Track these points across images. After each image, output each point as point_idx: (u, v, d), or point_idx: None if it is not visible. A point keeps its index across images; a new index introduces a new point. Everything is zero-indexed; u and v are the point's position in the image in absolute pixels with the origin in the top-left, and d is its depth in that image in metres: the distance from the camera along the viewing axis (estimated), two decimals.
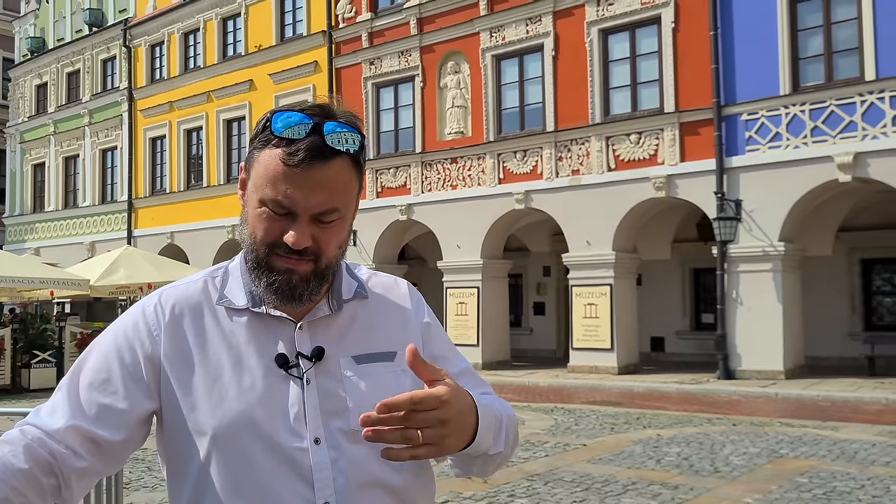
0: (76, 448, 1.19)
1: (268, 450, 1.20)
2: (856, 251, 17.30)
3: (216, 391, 1.22)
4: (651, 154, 15.78)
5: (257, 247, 1.22)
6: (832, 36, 14.12)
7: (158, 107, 25.25)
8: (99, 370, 1.25)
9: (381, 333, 1.31)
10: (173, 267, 18.76)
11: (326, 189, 1.19)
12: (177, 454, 1.26)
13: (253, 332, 1.26)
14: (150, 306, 1.29)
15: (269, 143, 1.20)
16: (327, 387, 1.24)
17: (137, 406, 1.24)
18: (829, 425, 9.84)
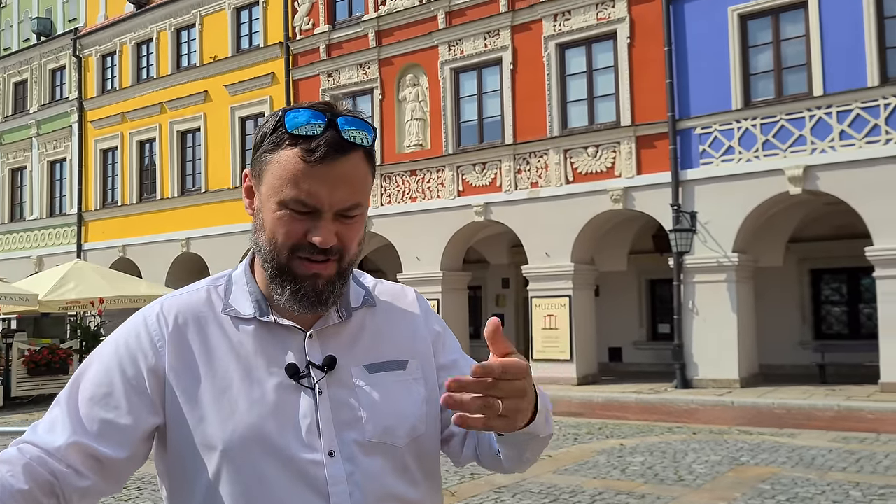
0: (78, 466, 1.13)
1: (281, 463, 1.15)
2: (805, 262, 17.76)
3: (225, 404, 1.17)
4: (608, 167, 16.01)
5: (279, 252, 1.17)
6: (781, 52, 14.54)
7: (110, 118, 24.75)
8: (99, 384, 1.18)
9: (391, 342, 1.28)
10: (125, 281, 18.37)
11: (349, 183, 1.15)
12: (182, 471, 1.20)
13: (261, 342, 1.21)
14: (152, 316, 1.23)
15: (283, 144, 1.15)
16: (340, 397, 1.20)
17: (141, 421, 1.18)
18: (785, 432, 10.05)
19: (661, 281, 18.73)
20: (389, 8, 19.03)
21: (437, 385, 1.30)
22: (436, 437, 1.30)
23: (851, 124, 13.69)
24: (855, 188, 13.58)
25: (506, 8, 17.27)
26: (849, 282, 17.67)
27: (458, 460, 1.35)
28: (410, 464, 1.23)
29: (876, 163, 13.38)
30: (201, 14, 22.70)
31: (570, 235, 16.25)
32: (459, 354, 1.37)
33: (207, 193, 22.17)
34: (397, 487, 1.20)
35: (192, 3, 22.83)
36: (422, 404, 1.26)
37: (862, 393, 13.26)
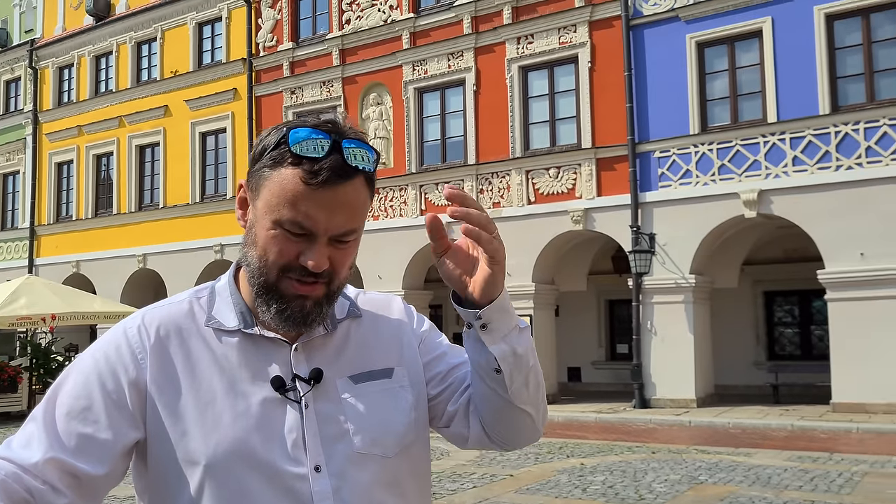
0: (55, 483, 1.09)
1: (265, 479, 1.13)
2: (759, 284, 18.15)
3: (209, 418, 1.15)
4: (569, 188, 16.22)
5: (268, 270, 1.15)
6: (737, 80, 14.94)
7: (66, 130, 24.31)
8: (78, 397, 1.14)
9: (376, 351, 1.27)
10: (79, 297, 17.99)
11: (348, 209, 1.14)
12: (163, 488, 1.16)
13: (245, 355, 1.19)
14: (133, 328, 1.20)
15: (285, 161, 1.12)
16: (326, 410, 1.18)
17: (121, 436, 1.14)
18: (741, 451, 10.22)
19: (619, 301, 18.97)
20: (354, 27, 19.11)
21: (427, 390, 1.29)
22: (425, 444, 1.29)
23: (804, 150, 14.10)
24: (807, 212, 13.96)
25: (470, 30, 17.47)
26: (801, 304, 18.10)
27: (465, 441, 1.32)
28: (400, 475, 1.22)
29: (827, 188, 13.78)
30: (163, 28, 22.50)
31: (532, 255, 16.39)
32: (446, 347, 1.35)
33: (166, 209, 21.87)
34: (386, 500, 1.19)
35: (153, 16, 22.63)
36: (410, 411, 1.25)
37: (814, 413, 13.55)
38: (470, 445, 1.32)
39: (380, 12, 18.76)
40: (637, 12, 15.72)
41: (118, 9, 23.70)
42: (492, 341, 1.18)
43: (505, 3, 17.06)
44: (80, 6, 24.52)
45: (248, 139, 20.37)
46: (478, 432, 1.29)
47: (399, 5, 18.49)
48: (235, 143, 20.74)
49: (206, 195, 21.39)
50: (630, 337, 16.22)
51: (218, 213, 20.92)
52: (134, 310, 17.91)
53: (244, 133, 20.55)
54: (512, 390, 1.21)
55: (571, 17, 16.31)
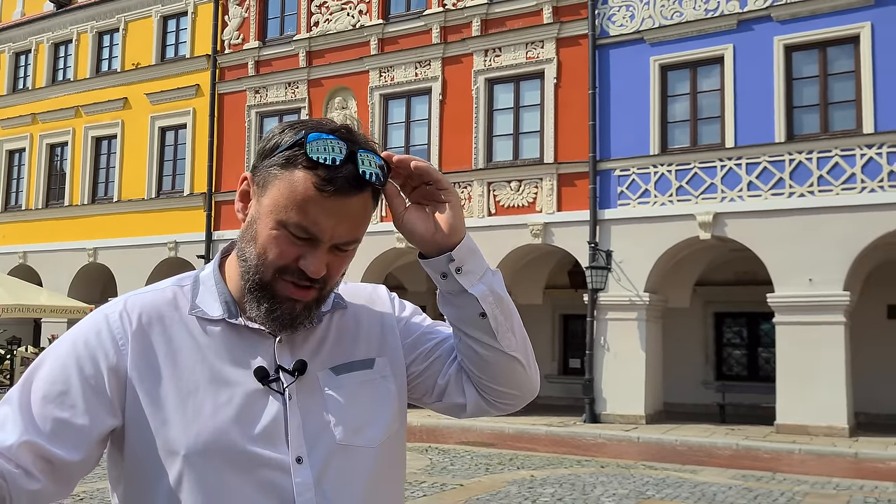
0: (28, 467, 1.07)
1: (246, 470, 1.12)
2: (710, 304, 18.50)
3: (190, 407, 1.13)
4: (530, 202, 16.34)
5: (265, 269, 1.15)
6: (698, 103, 15.25)
7: (19, 118, 23.69)
8: (55, 381, 1.12)
9: (358, 341, 1.27)
10: (24, 289, 17.47)
11: (354, 220, 1.15)
12: (139, 477, 1.15)
13: (229, 345, 1.18)
14: (115, 314, 1.18)
15: (298, 163, 1.12)
16: (309, 401, 1.18)
17: (98, 422, 1.12)
18: (688, 468, 10.38)
19: (574, 316, 19.14)
20: (322, 30, 19.03)
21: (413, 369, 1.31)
22: (403, 436, 1.30)
23: (759, 176, 14.45)
24: (759, 237, 14.29)
25: (438, 39, 17.54)
26: (749, 326, 18.49)
27: (463, 410, 1.32)
28: (380, 466, 1.22)
29: (780, 214, 14.13)
30: (126, 19, 22.11)
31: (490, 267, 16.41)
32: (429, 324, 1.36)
33: (120, 203, 21.44)
34: (367, 493, 1.19)
35: (116, 7, 22.23)
36: (392, 401, 1.26)
37: (759, 433, 13.84)
38: (468, 414, 1.32)
39: (349, 16, 18.72)
40: (604, 32, 15.96)
41: None
42: (470, 283, 1.20)
43: (474, 15, 17.17)
44: None
45: (209, 136, 20.10)
46: (474, 398, 1.30)
47: (368, 11, 18.48)
48: (196, 139, 20.45)
49: (162, 191, 21.02)
50: (583, 352, 16.38)
51: (174, 209, 20.58)
52: (82, 305, 17.58)
53: (205, 130, 20.27)
54: (499, 334, 1.23)
55: (539, 33, 16.49)
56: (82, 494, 7.46)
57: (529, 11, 16.69)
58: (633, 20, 15.72)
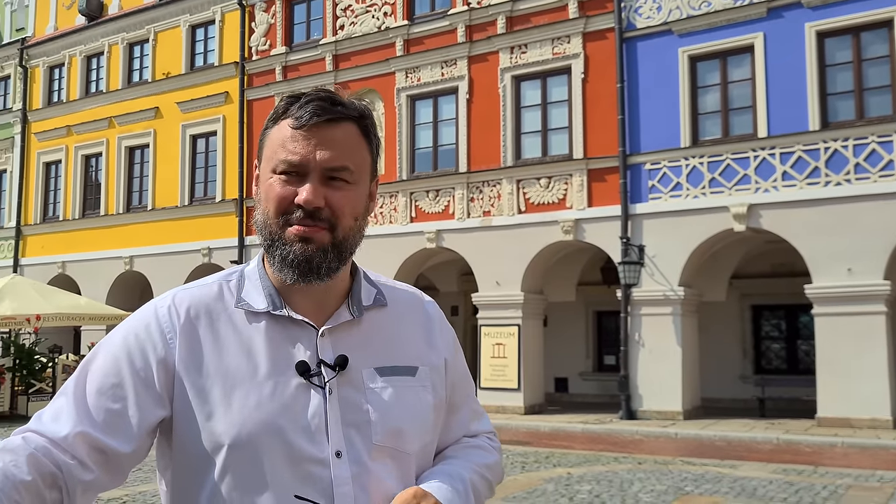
0: (83, 458, 1.11)
1: (287, 462, 1.14)
2: (746, 298, 18.23)
3: (235, 399, 1.16)
4: (560, 198, 16.24)
5: (270, 220, 1.18)
6: (729, 94, 15.03)
7: (55, 130, 24.16)
8: (107, 374, 1.16)
9: (403, 347, 1.28)
10: (64, 297, 17.84)
11: (336, 146, 1.18)
12: (186, 467, 1.18)
13: (272, 338, 1.20)
14: (164, 307, 1.21)
15: (278, 118, 1.21)
16: (349, 398, 1.19)
17: (148, 414, 1.16)
18: (727, 463, 10.22)
19: (607, 313, 18.99)
20: (347, 33, 19.12)
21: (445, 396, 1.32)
22: (433, 447, 1.30)
23: (793, 166, 14.19)
24: (796, 227, 14.04)
25: (463, 38, 17.51)
26: (788, 318, 18.18)
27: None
28: (412, 473, 1.23)
29: (816, 203, 13.87)
30: (155, 30, 22.44)
31: (521, 265, 16.39)
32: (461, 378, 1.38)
33: (154, 211, 21.75)
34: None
35: (146, 18, 22.56)
36: (430, 411, 1.26)
37: (800, 427, 13.59)
38: None
39: (374, 19, 18.78)
40: (631, 25, 15.81)
41: (111, 9, 23.63)
42: None
43: (499, 12, 17.12)
44: (73, 6, 24.43)
45: (239, 143, 20.31)
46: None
47: (393, 12, 18.52)
48: (226, 146, 20.68)
49: (195, 198, 21.29)
50: (617, 348, 16.24)
51: (206, 216, 20.83)
52: (120, 312, 17.86)
53: (235, 136, 20.49)
54: None
55: (565, 28, 16.39)
56: (125, 498, 7.56)
57: (555, 7, 16.60)
58: (661, 12, 15.55)
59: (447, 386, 1.32)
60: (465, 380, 1.39)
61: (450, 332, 1.38)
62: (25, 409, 15.70)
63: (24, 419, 15.00)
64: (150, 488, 8.02)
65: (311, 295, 1.23)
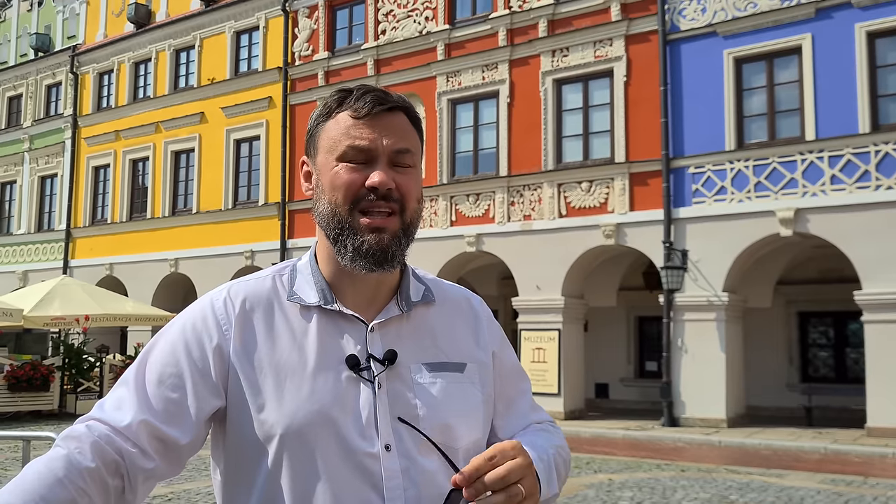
0: (144, 446, 1.13)
1: (338, 453, 1.15)
2: (793, 304, 17.85)
3: (287, 391, 1.17)
4: (601, 202, 16.11)
5: (340, 208, 1.20)
6: (775, 96, 14.76)
7: (104, 135, 24.74)
8: (166, 364, 1.19)
9: (451, 343, 1.28)
10: (112, 299, 18.24)
11: (398, 130, 1.22)
12: (240, 456, 1.19)
13: (324, 332, 1.22)
14: (220, 300, 1.24)
15: (332, 112, 1.24)
16: (398, 392, 1.20)
17: (205, 403, 1.18)
18: (773, 473, 10.01)
19: (649, 318, 18.76)
20: (389, 38, 19.24)
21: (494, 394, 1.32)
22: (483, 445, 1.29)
23: (843, 169, 13.88)
24: (845, 232, 13.72)
25: (505, 42, 17.49)
26: (836, 325, 17.76)
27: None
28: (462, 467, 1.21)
29: (866, 208, 13.54)
30: (201, 36, 22.84)
31: (562, 269, 16.29)
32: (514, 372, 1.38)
33: (199, 214, 22.12)
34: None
35: (192, 25, 22.99)
36: (479, 407, 1.27)
37: (848, 437, 13.26)
38: None
39: (415, 23, 18.87)
40: (674, 27, 15.63)
41: (158, 17, 24.13)
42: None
43: (541, 16, 17.07)
44: (122, 14, 25.01)
45: (282, 147, 20.56)
46: None
47: (435, 17, 18.59)
48: (269, 150, 20.94)
49: (238, 202, 21.60)
50: (659, 354, 16.02)
51: (250, 219, 21.12)
52: (165, 313, 18.19)
53: (278, 141, 20.75)
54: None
55: (607, 31, 16.27)
56: (170, 495, 7.68)
57: (597, 10, 16.49)
58: (705, 13, 15.34)
59: (496, 379, 1.33)
60: (517, 373, 1.39)
61: (497, 328, 1.38)
62: (74, 407, 16.07)
63: (72, 417, 15.36)
64: (195, 486, 8.13)
65: (363, 290, 1.25)
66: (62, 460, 1.07)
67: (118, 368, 16.92)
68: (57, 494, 1.04)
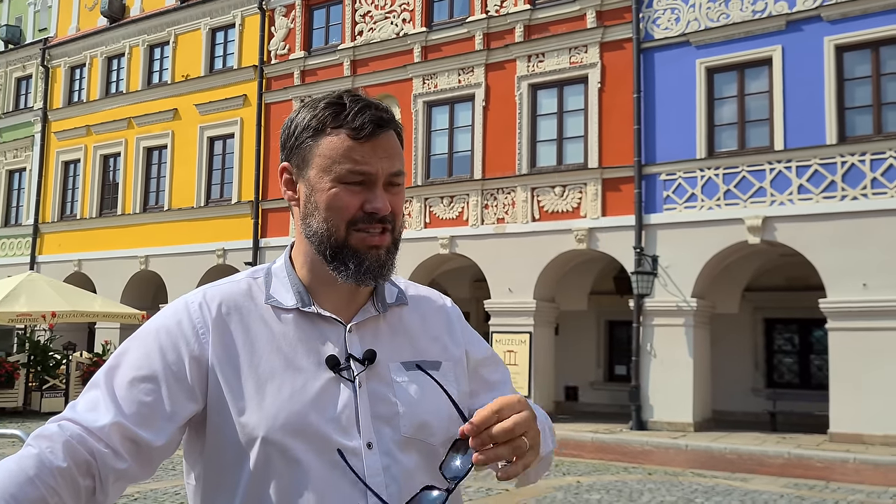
0: (117, 447, 1.13)
1: (322, 453, 1.17)
2: (760, 310, 18.14)
3: (268, 392, 1.19)
4: (574, 207, 16.25)
5: (336, 229, 1.22)
6: (746, 106, 15.01)
7: (74, 130, 24.41)
8: (140, 367, 1.19)
9: (426, 343, 1.32)
10: (80, 296, 18.00)
11: (392, 152, 1.24)
12: (220, 459, 1.20)
13: (302, 333, 1.24)
14: (195, 304, 1.24)
15: (326, 129, 1.22)
16: (378, 391, 1.23)
17: (180, 408, 1.18)
18: (738, 476, 10.18)
19: (619, 322, 18.95)
20: (366, 39, 19.24)
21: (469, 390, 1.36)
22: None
23: (810, 179, 14.15)
24: (811, 241, 13.98)
25: (481, 46, 17.58)
26: (801, 332, 18.07)
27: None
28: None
29: (832, 217, 13.81)
30: (176, 32, 22.64)
31: (534, 272, 16.40)
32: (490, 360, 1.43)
33: (170, 212, 21.91)
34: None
35: (167, 20, 22.78)
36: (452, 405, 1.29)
37: (811, 442, 13.51)
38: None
39: (392, 25, 18.89)
40: (648, 35, 15.83)
41: (132, 11, 23.88)
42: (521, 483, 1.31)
43: (517, 21, 17.19)
44: (95, 7, 24.71)
45: (256, 145, 20.45)
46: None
47: (412, 19, 18.62)
48: (243, 148, 20.82)
49: (211, 199, 21.44)
50: (629, 358, 16.20)
51: (222, 217, 20.97)
52: (134, 311, 18.00)
53: (252, 139, 20.63)
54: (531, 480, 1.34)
55: (583, 38, 16.42)
56: (136, 495, 7.63)
57: (573, 16, 16.65)
58: (679, 23, 15.56)
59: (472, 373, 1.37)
60: (496, 363, 1.43)
61: (467, 326, 1.43)
62: (39, 405, 15.84)
63: (37, 415, 15.14)
64: (161, 486, 8.08)
65: (340, 293, 1.27)
66: (33, 459, 1.06)
67: (85, 366, 16.71)
68: (27, 493, 1.03)
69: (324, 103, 1.25)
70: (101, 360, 16.77)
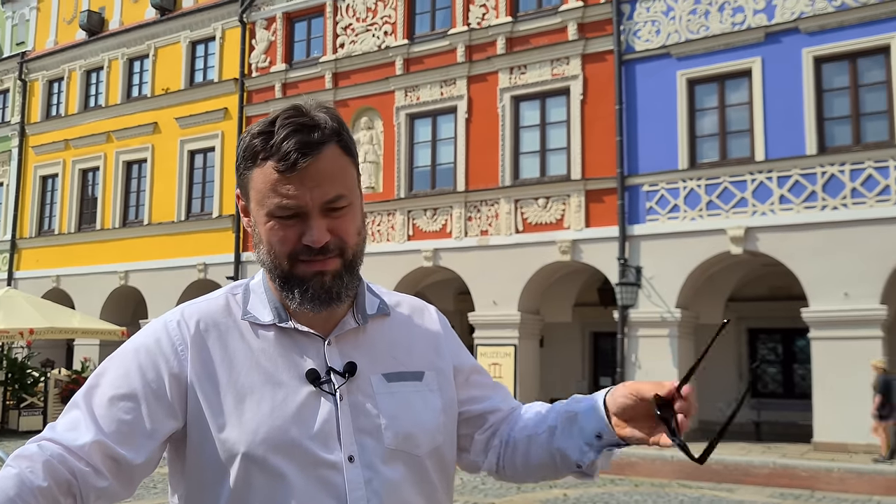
0: (98, 466, 1.12)
1: (301, 467, 1.15)
2: (743, 321, 18.22)
3: (247, 408, 1.17)
4: (557, 218, 16.26)
5: (280, 260, 1.19)
6: (726, 117, 15.12)
7: (52, 144, 24.16)
8: (119, 387, 1.18)
9: (408, 353, 1.30)
10: (58, 312, 17.72)
11: (327, 178, 1.17)
12: (201, 476, 1.18)
13: (281, 348, 1.22)
14: (173, 322, 1.23)
15: (258, 159, 1.18)
16: (360, 403, 1.21)
17: (160, 426, 1.17)
18: (724, 487, 10.17)
19: (604, 334, 18.96)
20: (348, 51, 19.21)
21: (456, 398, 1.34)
22: (452, 448, 1.32)
23: (791, 189, 14.25)
24: (792, 250, 14.07)
25: (463, 58, 17.61)
26: (784, 342, 18.17)
27: (476, 468, 1.38)
28: (428, 474, 1.24)
29: (813, 227, 13.91)
30: (156, 45, 22.51)
31: (518, 285, 16.37)
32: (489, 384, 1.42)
33: (150, 226, 21.70)
34: (413, 498, 1.21)
35: (146, 34, 22.64)
36: (439, 414, 1.28)
37: (796, 451, 13.54)
38: (479, 471, 1.40)
39: (374, 38, 18.89)
40: (629, 48, 15.92)
41: (111, 24, 23.72)
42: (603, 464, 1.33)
43: (499, 33, 17.24)
44: (74, 21, 24.52)
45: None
46: (491, 466, 1.37)
47: (394, 31, 18.63)
48: (224, 162, 20.68)
49: (191, 214, 21.26)
50: (613, 370, 16.18)
51: (203, 231, 20.79)
52: (114, 327, 17.76)
53: (233, 152, 20.38)
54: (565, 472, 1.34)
55: (565, 50, 16.49)
56: None
57: (554, 29, 16.72)
58: (659, 35, 15.67)
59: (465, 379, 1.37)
60: (482, 373, 1.42)
61: (454, 335, 1.41)
62: (17, 423, 15.54)
63: (15, 433, 14.85)
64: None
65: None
66: (13, 479, 1.06)
67: (64, 384, 16.43)
68: None
69: (256, 130, 1.20)
70: (80, 377, 16.51)
